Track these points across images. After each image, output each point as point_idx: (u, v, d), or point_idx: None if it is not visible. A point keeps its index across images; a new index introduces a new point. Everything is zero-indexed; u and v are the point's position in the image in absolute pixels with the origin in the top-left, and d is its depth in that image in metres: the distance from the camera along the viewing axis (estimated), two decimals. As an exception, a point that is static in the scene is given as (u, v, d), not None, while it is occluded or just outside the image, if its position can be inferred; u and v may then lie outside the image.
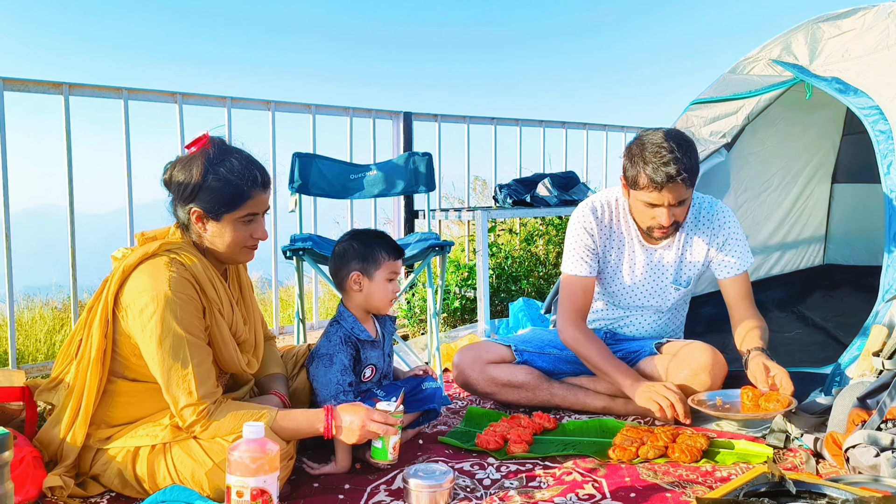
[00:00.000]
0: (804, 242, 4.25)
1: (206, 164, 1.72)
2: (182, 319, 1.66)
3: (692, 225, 2.38)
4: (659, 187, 2.13)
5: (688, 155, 2.13)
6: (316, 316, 3.98)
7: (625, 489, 1.74)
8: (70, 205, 3.08)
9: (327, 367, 1.97)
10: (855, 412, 1.84)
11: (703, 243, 2.37)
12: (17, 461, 1.63)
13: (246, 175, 1.75)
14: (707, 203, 2.40)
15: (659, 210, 2.19)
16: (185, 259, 1.73)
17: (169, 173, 1.78)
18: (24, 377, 1.99)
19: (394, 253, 2.07)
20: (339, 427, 1.75)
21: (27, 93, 3.07)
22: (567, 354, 2.44)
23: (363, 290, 2.05)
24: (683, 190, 2.15)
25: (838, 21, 2.72)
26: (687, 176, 2.12)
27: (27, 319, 3.88)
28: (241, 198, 1.74)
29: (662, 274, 2.41)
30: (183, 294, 1.67)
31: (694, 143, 2.23)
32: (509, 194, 4.18)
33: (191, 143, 1.76)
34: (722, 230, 2.36)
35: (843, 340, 2.93)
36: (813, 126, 3.87)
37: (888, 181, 2.30)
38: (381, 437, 1.79)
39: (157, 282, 1.66)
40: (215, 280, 1.78)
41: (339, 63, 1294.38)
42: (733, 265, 2.35)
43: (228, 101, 3.55)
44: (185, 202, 1.74)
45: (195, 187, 1.72)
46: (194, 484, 1.65)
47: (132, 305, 1.67)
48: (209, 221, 1.75)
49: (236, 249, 1.79)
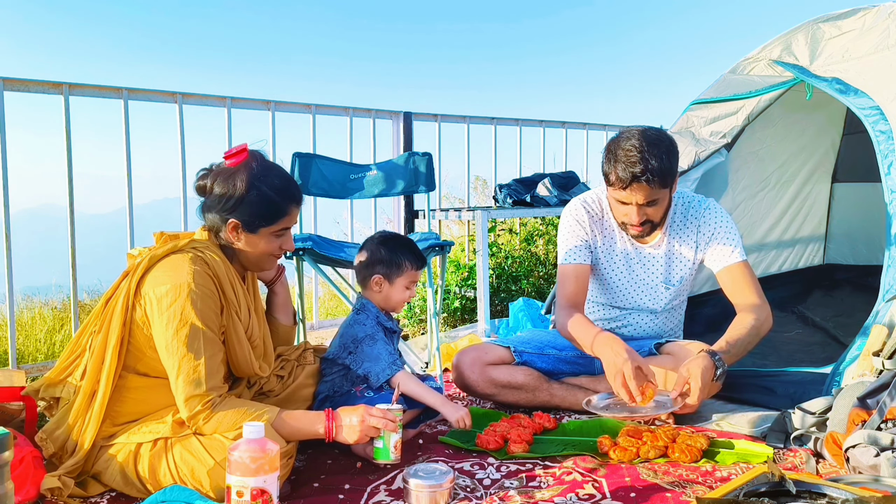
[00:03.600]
0: (804, 241, 4.26)
1: (250, 179, 1.77)
2: (201, 311, 1.68)
3: (680, 224, 2.39)
4: (625, 185, 2.15)
5: (658, 156, 2.12)
6: (316, 316, 3.98)
7: (625, 489, 1.74)
8: (70, 205, 3.08)
9: (372, 345, 2.09)
10: (855, 412, 1.84)
11: (690, 241, 2.38)
12: (17, 461, 1.63)
13: (286, 193, 1.82)
14: (696, 202, 2.40)
15: (629, 208, 2.22)
16: (209, 257, 1.76)
17: (205, 182, 1.81)
18: (25, 377, 1.99)
19: (417, 262, 2.19)
20: (340, 427, 1.77)
21: (27, 93, 3.07)
22: (566, 355, 2.44)
23: (382, 292, 2.17)
24: (650, 190, 2.15)
25: (838, 21, 2.72)
26: (652, 177, 2.12)
27: (27, 319, 3.88)
28: (279, 214, 1.81)
29: (652, 273, 2.42)
30: (204, 288, 1.70)
31: (673, 144, 2.21)
32: (509, 194, 4.18)
33: (230, 154, 1.80)
34: (707, 225, 2.36)
35: (843, 340, 2.93)
36: (813, 126, 3.87)
37: (889, 181, 2.30)
38: (382, 437, 1.79)
39: (180, 273, 1.69)
40: (235, 282, 1.82)
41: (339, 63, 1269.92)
42: (724, 256, 2.33)
43: (228, 101, 3.55)
44: (224, 212, 1.78)
45: (238, 201, 1.77)
46: (195, 482, 1.65)
47: (152, 293, 1.69)
48: (244, 233, 1.80)
49: (264, 258, 1.86)
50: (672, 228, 2.39)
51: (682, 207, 2.39)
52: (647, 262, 2.41)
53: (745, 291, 2.29)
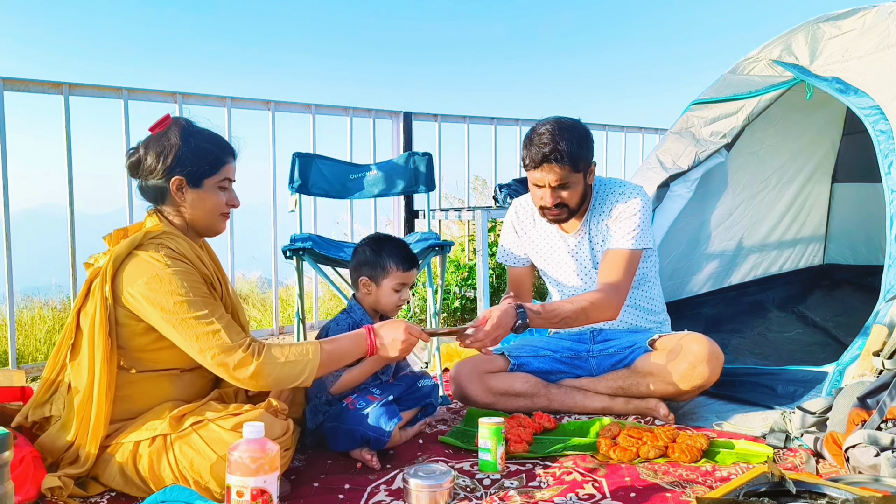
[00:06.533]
0: (804, 242, 4.26)
1: (182, 132, 1.80)
2: (188, 285, 1.69)
3: (599, 209, 2.43)
4: (536, 164, 2.24)
5: (567, 139, 2.22)
6: (316, 316, 3.98)
7: (625, 489, 1.74)
8: (70, 205, 3.08)
9: None
10: (855, 412, 1.84)
11: (603, 223, 2.42)
12: (17, 461, 1.63)
13: (220, 142, 1.86)
14: (616, 185, 2.44)
15: (544, 191, 2.30)
16: (171, 242, 1.77)
17: (138, 155, 1.81)
18: (25, 377, 1.99)
19: (403, 264, 2.12)
20: (382, 345, 1.82)
21: (27, 93, 3.08)
22: (561, 356, 2.44)
23: (371, 295, 2.14)
24: (561, 171, 2.24)
25: (839, 21, 2.72)
26: (561, 157, 2.21)
27: (27, 319, 3.87)
28: (219, 162, 1.83)
29: (582, 259, 2.47)
30: (179, 265, 1.72)
31: (587, 133, 2.31)
32: (509, 194, 4.18)
33: (155, 125, 1.81)
34: (616, 207, 2.38)
35: (843, 340, 2.93)
36: (813, 126, 3.87)
37: (889, 181, 2.30)
38: (490, 449, 1.84)
39: (151, 264, 1.70)
40: (203, 256, 1.84)
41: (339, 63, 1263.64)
42: (616, 238, 2.34)
43: (228, 101, 3.56)
44: (166, 173, 1.78)
45: (176, 154, 1.77)
46: (195, 474, 1.64)
47: (132, 290, 1.69)
48: (188, 190, 1.80)
49: (215, 216, 1.86)
50: (592, 213, 2.44)
51: (602, 193, 2.44)
52: (575, 251, 2.47)
53: (610, 275, 2.30)
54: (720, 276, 3.75)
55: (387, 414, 1.94)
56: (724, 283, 3.79)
